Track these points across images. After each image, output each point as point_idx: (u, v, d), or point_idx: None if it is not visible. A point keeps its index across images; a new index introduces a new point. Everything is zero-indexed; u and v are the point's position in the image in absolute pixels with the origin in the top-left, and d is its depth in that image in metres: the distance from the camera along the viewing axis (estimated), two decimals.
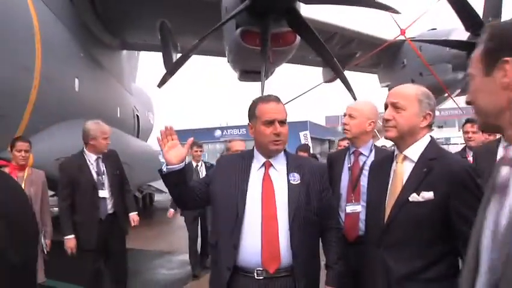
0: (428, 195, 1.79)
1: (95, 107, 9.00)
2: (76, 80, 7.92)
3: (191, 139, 2.40)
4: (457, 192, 1.74)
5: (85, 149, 4.47)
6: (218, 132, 44.11)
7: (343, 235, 2.60)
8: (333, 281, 2.24)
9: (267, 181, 2.22)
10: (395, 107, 1.96)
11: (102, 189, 4.41)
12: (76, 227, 4.31)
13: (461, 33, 8.51)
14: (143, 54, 17.85)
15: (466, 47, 8.14)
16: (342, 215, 2.87)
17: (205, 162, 6.76)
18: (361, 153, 2.98)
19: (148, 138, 16.01)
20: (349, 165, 2.98)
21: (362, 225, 2.75)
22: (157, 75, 8.29)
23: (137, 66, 17.50)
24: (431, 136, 1.99)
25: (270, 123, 2.21)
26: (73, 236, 4.27)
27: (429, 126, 1.98)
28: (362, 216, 2.75)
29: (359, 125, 2.94)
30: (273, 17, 6.52)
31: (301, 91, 9.68)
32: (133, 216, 4.79)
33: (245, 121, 2.39)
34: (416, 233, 1.81)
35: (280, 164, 2.29)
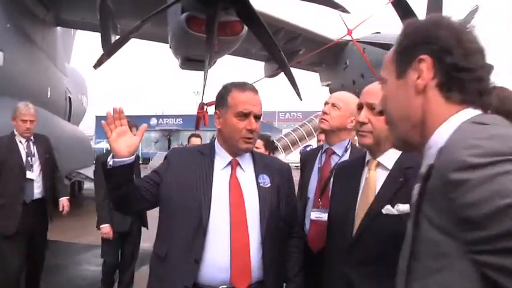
0: (404, 208, 1.57)
1: (22, 85, 8.31)
2: (1, 53, 7.24)
3: (144, 125, 1.86)
4: None
5: (15, 130, 4.36)
6: (154, 121, 43.13)
7: (306, 245, 2.36)
8: None
9: (234, 183, 1.92)
10: (372, 108, 1.74)
11: (30, 171, 4.27)
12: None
13: None
14: (79, 34, 16.90)
15: None
16: (307, 222, 2.55)
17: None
18: (334, 152, 2.62)
19: (80, 122, 15.21)
20: (319, 166, 2.66)
21: None
22: (93, 57, 7.81)
23: (73, 46, 16.54)
24: None
25: (245, 116, 1.90)
26: None
27: None
28: None
29: (341, 119, 2.54)
30: (222, 4, 6.30)
31: None
32: (63, 200, 4.68)
33: (182, 111, 2.09)
34: (387, 250, 1.52)
35: (247, 163, 2.02)
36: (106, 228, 4.43)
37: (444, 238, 0.84)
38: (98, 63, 7.24)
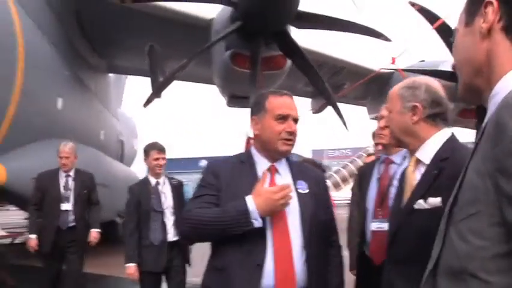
0: (435, 201, 1.51)
1: (78, 128, 8.75)
2: (59, 99, 7.68)
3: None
4: None
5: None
6: (203, 163, 43.87)
7: (368, 257, 2.32)
8: None
9: None
10: (388, 111, 1.82)
11: (65, 203, 4.87)
12: (40, 231, 4.82)
13: (449, 65, 8.52)
14: (130, 79, 17.71)
15: (456, 77, 8.10)
16: (368, 233, 2.50)
17: (170, 178, 4.36)
18: (392, 162, 2.57)
19: (132, 164, 15.67)
20: (378, 176, 2.62)
21: None
22: (143, 101, 8.14)
23: (124, 91, 17.32)
24: (452, 133, 1.72)
25: (283, 118, 1.89)
26: (35, 236, 4.78)
27: (434, 119, 1.69)
28: None
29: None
30: (264, 40, 6.44)
31: None
32: (93, 232, 5.04)
33: (232, 151, 2.09)
34: (424, 247, 1.52)
35: (284, 169, 1.99)
36: (131, 268, 3.99)
37: (483, 183, 0.84)
38: (147, 102, 7.52)
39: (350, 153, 46.48)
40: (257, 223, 1.75)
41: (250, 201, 1.76)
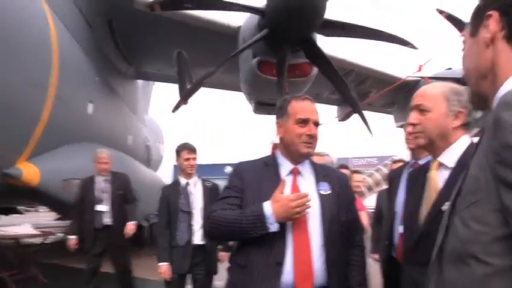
0: None
1: (107, 132, 8.97)
2: (90, 104, 7.90)
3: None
4: None
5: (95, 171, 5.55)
6: (228, 169, 43.99)
7: (396, 259, 2.34)
8: None
9: (295, 190, 1.97)
10: (420, 109, 1.76)
11: (100, 204, 5.35)
12: (80, 231, 5.36)
13: None
14: (158, 85, 18.02)
15: None
16: (396, 236, 2.55)
17: (204, 180, 4.35)
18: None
19: (158, 169, 15.90)
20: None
21: None
22: (170, 107, 8.30)
23: (151, 97, 17.63)
24: (470, 138, 1.77)
25: (304, 122, 1.99)
26: (75, 236, 5.31)
27: (465, 126, 1.75)
28: None
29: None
30: (291, 47, 6.50)
31: None
32: (129, 224, 5.45)
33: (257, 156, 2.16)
34: None
35: (307, 171, 2.07)
36: (161, 267, 4.00)
37: (484, 175, 0.92)
38: (176, 108, 7.66)
39: (376, 162, 45.81)
40: (273, 228, 1.82)
41: (268, 207, 1.83)
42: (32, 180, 5.81)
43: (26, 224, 6.96)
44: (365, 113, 8.53)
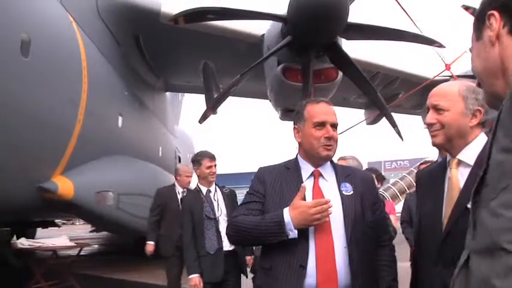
0: None
1: (137, 145, 9.16)
2: (120, 117, 8.09)
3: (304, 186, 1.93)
4: None
5: (175, 183, 5.72)
6: None
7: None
8: None
9: (317, 192, 1.96)
10: (437, 109, 1.73)
11: None
12: (159, 238, 5.43)
13: None
14: (187, 97, 18.26)
15: None
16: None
17: (221, 187, 4.33)
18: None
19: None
20: None
21: None
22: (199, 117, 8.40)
23: (181, 109, 17.89)
24: (487, 135, 1.72)
25: (321, 125, 1.97)
26: (152, 242, 5.42)
27: (482, 125, 1.72)
28: None
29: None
30: (315, 53, 6.50)
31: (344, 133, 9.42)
32: None
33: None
34: None
35: (329, 173, 2.05)
36: (193, 280, 3.84)
37: (507, 157, 0.87)
38: (203, 118, 7.75)
39: (408, 165, 44.98)
40: (292, 234, 1.82)
41: (287, 214, 1.83)
42: (67, 194, 6.00)
43: (63, 236, 7.14)
44: (395, 115, 8.43)
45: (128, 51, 9.08)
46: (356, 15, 6.18)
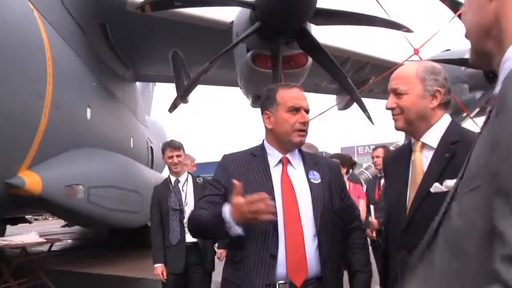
0: (452, 183, 1.50)
1: (108, 137, 8.99)
2: (88, 109, 7.91)
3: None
4: None
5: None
6: None
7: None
8: (367, 286, 1.97)
9: (285, 180, 1.93)
10: (396, 93, 1.72)
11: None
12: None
13: None
14: (160, 86, 18.03)
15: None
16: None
17: (195, 177, 4.33)
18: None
19: (163, 170, 15.93)
20: None
21: None
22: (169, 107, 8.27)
23: (152, 99, 17.64)
24: (451, 116, 1.73)
25: (296, 110, 1.93)
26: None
27: (445, 106, 1.71)
28: None
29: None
30: (284, 39, 6.46)
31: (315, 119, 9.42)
32: None
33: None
34: None
35: (296, 161, 2.02)
36: (157, 269, 3.96)
37: (485, 154, 0.80)
38: (173, 107, 7.64)
39: None
40: (235, 231, 1.74)
41: (227, 210, 1.76)
42: (34, 189, 5.84)
43: (33, 232, 6.97)
44: (367, 100, 8.48)
45: (95, 41, 8.85)
46: (325, 0, 6.17)
